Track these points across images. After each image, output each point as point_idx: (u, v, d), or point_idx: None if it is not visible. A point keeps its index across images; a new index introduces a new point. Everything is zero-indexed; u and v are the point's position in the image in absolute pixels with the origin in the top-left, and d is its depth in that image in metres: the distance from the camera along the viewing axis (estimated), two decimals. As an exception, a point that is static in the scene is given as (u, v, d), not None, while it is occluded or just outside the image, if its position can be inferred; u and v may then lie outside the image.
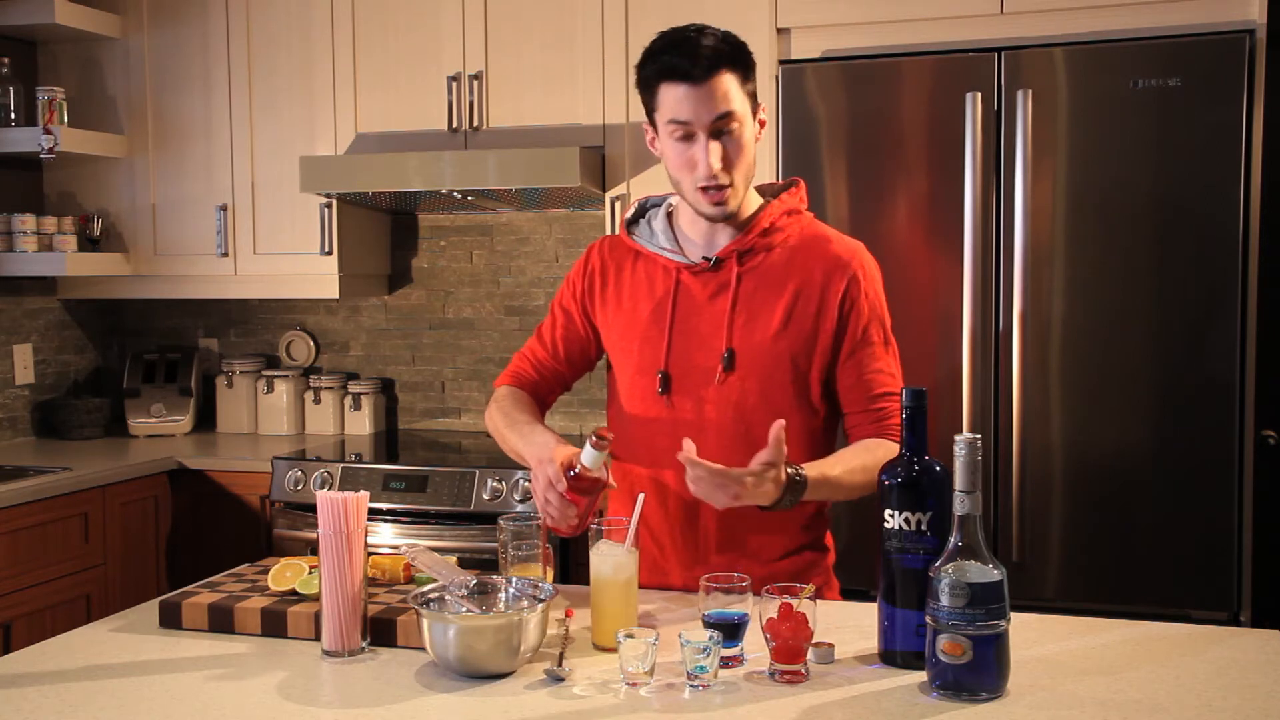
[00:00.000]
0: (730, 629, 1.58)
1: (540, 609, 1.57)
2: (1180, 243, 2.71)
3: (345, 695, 1.52)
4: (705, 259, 1.93)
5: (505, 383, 2.10)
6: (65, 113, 3.58)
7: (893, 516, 1.58)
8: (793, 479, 1.71)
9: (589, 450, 1.73)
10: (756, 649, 1.58)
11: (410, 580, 1.90)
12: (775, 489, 1.68)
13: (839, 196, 2.91)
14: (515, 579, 1.70)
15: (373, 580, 1.88)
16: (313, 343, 4.03)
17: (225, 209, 3.67)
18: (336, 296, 3.65)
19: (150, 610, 1.85)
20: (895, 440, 1.86)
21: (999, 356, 2.81)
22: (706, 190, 1.85)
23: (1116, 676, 1.53)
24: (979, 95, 2.76)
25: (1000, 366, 2.81)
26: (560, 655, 1.62)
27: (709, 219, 1.90)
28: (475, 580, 1.70)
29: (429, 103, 3.44)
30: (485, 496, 3.11)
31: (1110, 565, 2.77)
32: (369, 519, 1.70)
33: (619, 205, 3.26)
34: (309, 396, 3.90)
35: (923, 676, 1.51)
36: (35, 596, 3.02)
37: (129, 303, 4.13)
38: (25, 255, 3.58)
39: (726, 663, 1.57)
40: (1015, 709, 1.43)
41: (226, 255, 3.68)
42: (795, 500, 1.73)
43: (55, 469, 3.22)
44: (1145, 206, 2.73)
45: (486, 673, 1.55)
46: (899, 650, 1.58)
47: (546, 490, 1.77)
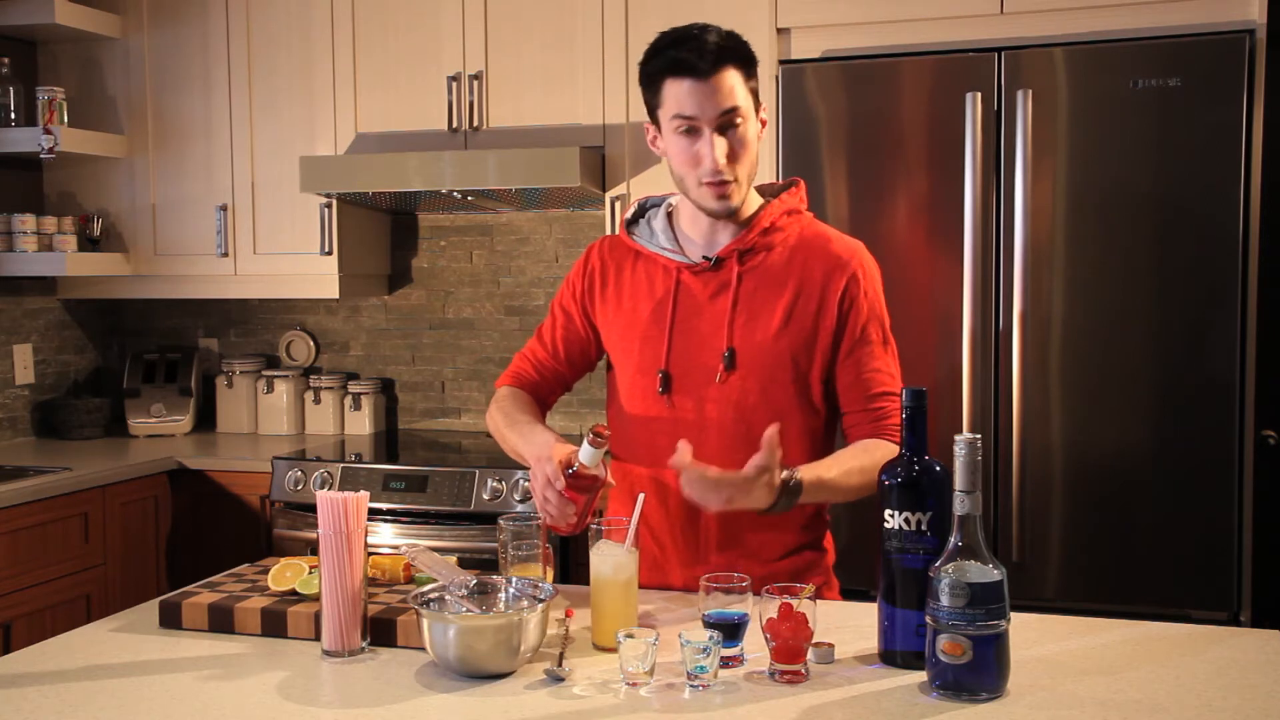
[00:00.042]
0: (730, 629, 1.58)
1: (540, 609, 1.57)
2: (1180, 243, 2.71)
3: (345, 695, 1.52)
4: (706, 258, 1.93)
5: (506, 383, 2.10)
6: (65, 113, 3.58)
7: (893, 516, 1.58)
8: (788, 483, 1.71)
9: (586, 447, 1.73)
10: (756, 649, 1.58)
11: (410, 580, 1.90)
12: (770, 493, 1.68)
13: (839, 196, 2.91)
14: (515, 579, 1.70)
15: (373, 580, 1.88)
16: (313, 343, 4.03)
17: (225, 209, 3.67)
18: (336, 296, 3.65)
19: (150, 610, 1.85)
20: (893, 440, 1.87)
21: (999, 356, 2.81)
22: (711, 185, 1.85)
23: (1116, 676, 1.53)
24: (979, 95, 2.76)
25: (1000, 366, 2.81)
26: (560, 655, 1.62)
27: (712, 215, 1.90)
28: (475, 580, 1.70)
29: (429, 103, 3.44)
30: (485, 496, 3.11)
31: (1110, 565, 2.77)
32: (369, 519, 1.70)
33: (619, 205, 3.26)
34: (309, 396, 3.90)
35: (923, 676, 1.51)
36: (35, 596, 3.02)
37: (129, 303, 4.13)
38: (25, 255, 3.58)
39: (726, 663, 1.57)
40: (1015, 709, 1.43)
41: (226, 255, 3.68)
42: (791, 504, 1.73)
43: (55, 469, 3.22)
44: (1145, 206, 2.73)
45: (486, 673, 1.55)
46: (899, 650, 1.58)
47: (545, 488, 1.77)
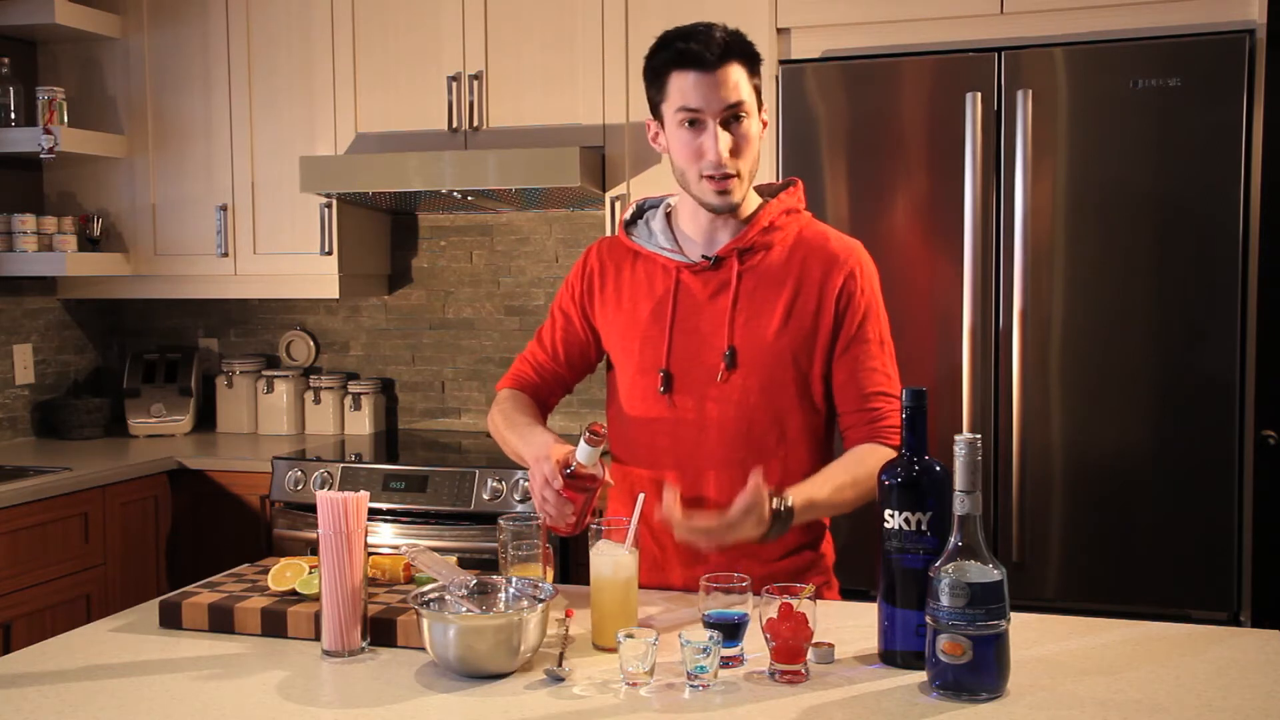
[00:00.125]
0: (730, 629, 1.58)
1: (540, 609, 1.57)
2: (1180, 243, 2.71)
3: (345, 695, 1.52)
4: (705, 258, 1.93)
5: (506, 386, 2.10)
6: (65, 113, 3.58)
7: (893, 516, 1.58)
8: (779, 511, 1.72)
9: (583, 446, 1.74)
10: (756, 649, 1.58)
11: (410, 580, 1.90)
12: (761, 526, 1.70)
13: (839, 196, 2.91)
14: (515, 579, 1.70)
15: (373, 580, 1.88)
16: (313, 343, 4.03)
17: (225, 209, 3.67)
18: (336, 296, 3.65)
19: (150, 610, 1.85)
20: (887, 443, 1.87)
21: (999, 356, 2.81)
22: (713, 179, 1.85)
23: (1116, 676, 1.53)
24: (979, 95, 2.76)
25: (1000, 366, 2.81)
26: (560, 655, 1.62)
27: (713, 210, 1.90)
28: (475, 580, 1.70)
29: (429, 103, 3.44)
30: (485, 496, 3.11)
31: (1110, 565, 2.77)
32: (369, 519, 1.70)
33: (619, 205, 3.25)
34: (309, 396, 3.90)
35: (923, 676, 1.51)
36: (35, 596, 3.02)
37: (129, 303, 4.13)
38: (25, 255, 3.58)
39: (726, 663, 1.57)
40: (1015, 709, 1.43)
41: (226, 255, 3.68)
42: (785, 530, 1.74)
43: (55, 469, 3.21)
44: (1145, 206, 2.73)
45: (486, 673, 1.55)
46: (899, 650, 1.58)
47: (543, 488, 1.77)
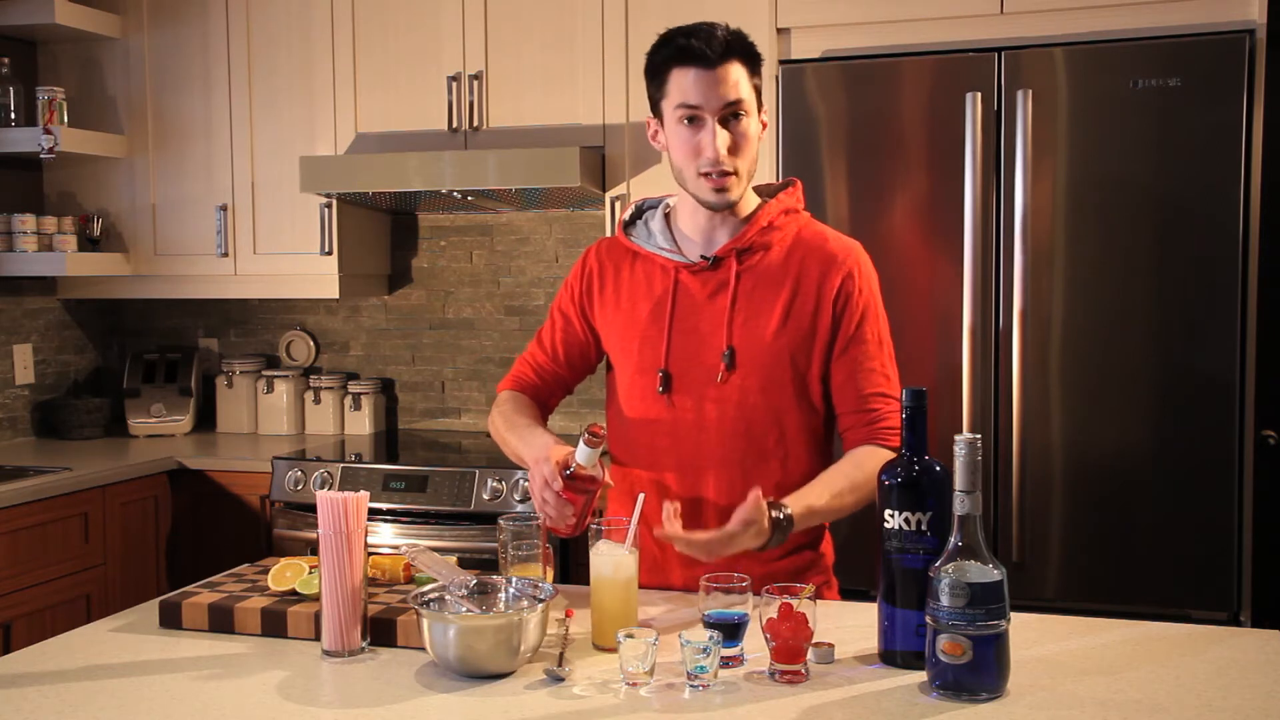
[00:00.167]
0: (730, 629, 1.58)
1: (540, 609, 1.57)
2: (1180, 243, 2.71)
3: (345, 695, 1.52)
4: (704, 258, 1.93)
5: (507, 387, 2.11)
6: (65, 113, 3.58)
7: (893, 516, 1.58)
8: (778, 521, 1.72)
9: (582, 448, 1.74)
10: (756, 649, 1.58)
11: (410, 580, 1.90)
12: (760, 537, 1.71)
13: (839, 196, 2.91)
14: (515, 579, 1.71)
15: (373, 580, 1.88)
16: (313, 343, 4.03)
17: (225, 209, 3.67)
18: (336, 296, 3.65)
19: (150, 610, 1.85)
20: (886, 445, 1.87)
21: (999, 356, 2.81)
22: (710, 176, 1.85)
23: (1116, 676, 1.53)
24: (979, 95, 2.76)
25: (1000, 366, 2.81)
26: (560, 655, 1.62)
27: (710, 207, 1.90)
28: (475, 580, 1.70)
29: (429, 103, 3.44)
30: (485, 496, 3.11)
31: (1110, 565, 2.77)
32: (369, 519, 1.70)
33: (619, 205, 3.25)
34: (309, 396, 3.89)
35: (923, 676, 1.51)
36: (35, 596, 3.02)
37: (129, 303, 4.13)
38: (25, 255, 3.58)
39: (726, 663, 1.57)
40: (1015, 709, 1.43)
41: (226, 255, 3.68)
42: (784, 538, 1.75)
43: (55, 469, 3.21)
44: (1145, 206, 2.73)
45: (486, 673, 1.55)
46: (899, 650, 1.58)
47: (543, 489, 1.77)
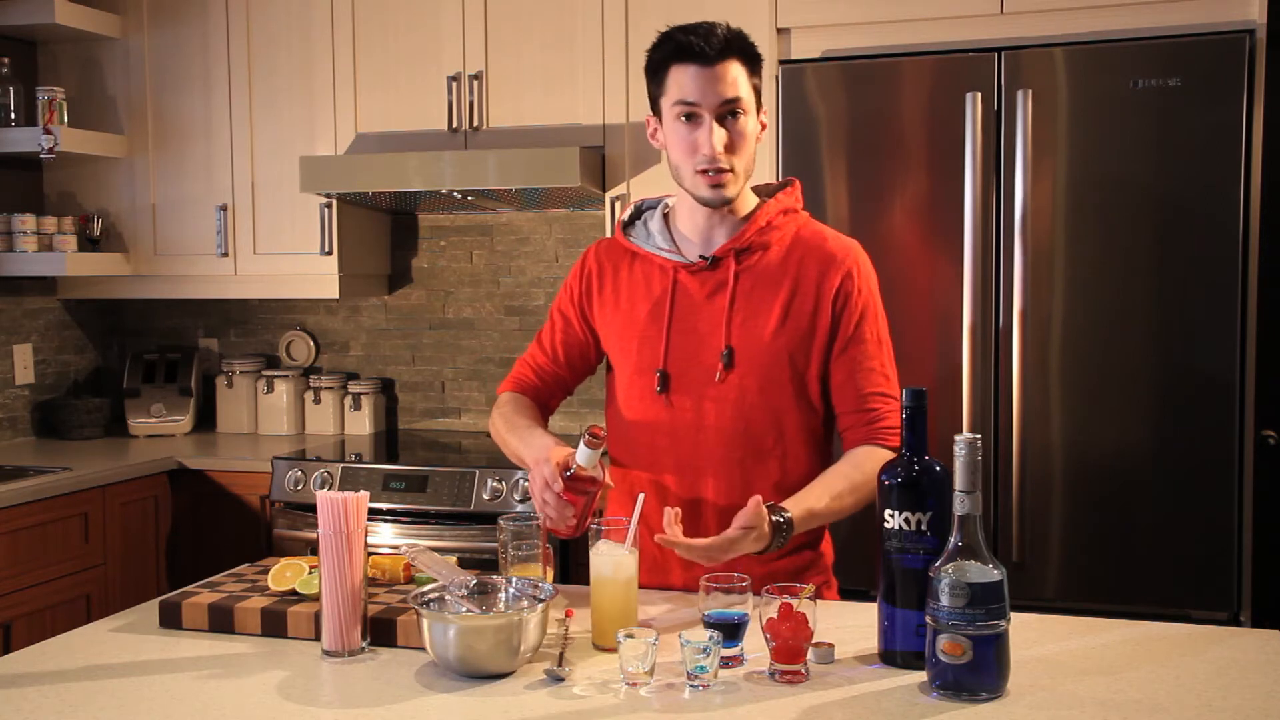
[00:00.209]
0: (730, 629, 1.58)
1: (540, 609, 1.57)
2: (1180, 243, 2.71)
3: (345, 695, 1.52)
4: (702, 258, 1.93)
5: (508, 389, 2.11)
6: (65, 113, 3.58)
7: (893, 516, 1.58)
8: (779, 525, 1.73)
9: (583, 449, 1.74)
10: (756, 649, 1.58)
11: (410, 580, 1.90)
12: (761, 542, 1.71)
13: (839, 196, 2.91)
14: (515, 579, 1.71)
15: (373, 580, 1.88)
16: (313, 343, 4.03)
17: (225, 209, 3.67)
18: (336, 296, 3.65)
19: (150, 610, 1.85)
20: (885, 445, 1.88)
21: (999, 356, 2.81)
22: (706, 173, 1.85)
23: (1116, 676, 1.53)
24: (979, 95, 2.76)
25: (1000, 366, 2.81)
26: (560, 655, 1.62)
27: (707, 204, 1.90)
28: (475, 580, 1.70)
29: (429, 103, 3.44)
30: (485, 496, 3.11)
31: (1110, 565, 2.77)
32: (369, 519, 1.70)
33: (619, 205, 3.25)
34: (309, 396, 3.89)
35: (923, 676, 1.51)
36: (35, 596, 3.02)
37: (129, 303, 4.13)
38: (25, 255, 3.58)
39: (726, 663, 1.57)
40: (1015, 709, 1.43)
41: (226, 255, 3.68)
42: (784, 543, 1.75)
43: (55, 469, 3.21)
44: (1145, 206, 2.73)
45: (486, 673, 1.55)
46: (899, 650, 1.58)
47: (543, 491, 1.77)
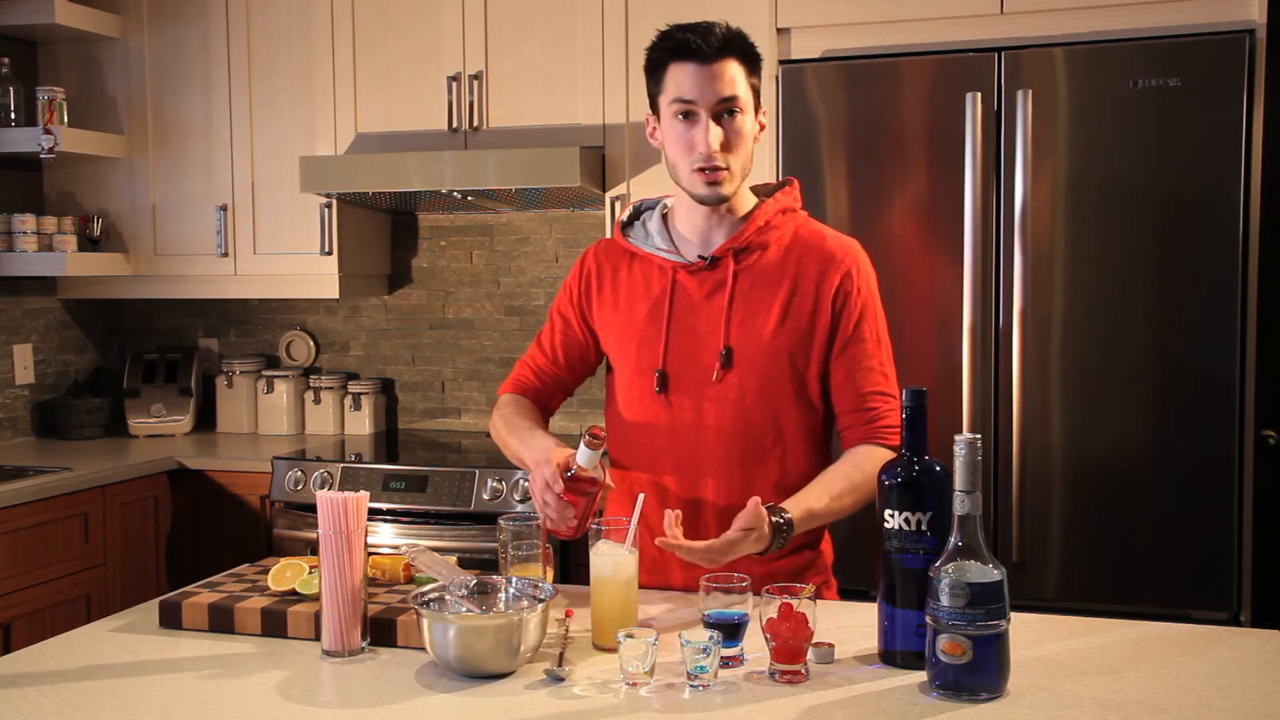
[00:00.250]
0: (730, 629, 1.58)
1: (540, 609, 1.57)
2: (1180, 242, 2.71)
3: (345, 695, 1.52)
4: (701, 258, 1.93)
5: (508, 390, 2.11)
6: (65, 113, 3.58)
7: (893, 516, 1.58)
8: (778, 526, 1.73)
9: (583, 450, 1.74)
10: (756, 649, 1.58)
11: (410, 580, 1.90)
12: (761, 543, 1.71)
13: (839, 196, 2.91)
14: (515, 579, 1.71)
15: (373, 580, 1.88)
16: (313, 343, 4.03)
17: (225, 209, 3.67)
18: (336, 296, 3.65)
19: (150, 610, 1.85)
20: (885, 444, 1.88)
21: (999, 356, 2.81)
22: (703, 171, 1.85)
23: (1116, 676, 1.53)
24: (979, 95, 2.76)
25: (1000, 366, 2.81)
26: (560, 655, 1.62)
27: (703, 202, 1.90)
28: (475, 580, 1.70)
29: (429, 103, 3.44)
30: (485, 496, 3.11)
31: (1110, 565, 2.77)
32: (369, 519, 1.70)
33: (619, 205, 3.25)
34: (309, 396, 3.89)
35: (923, 676, 1.51)
36: (35, 596, 3.02)
37: (129, 303, 4.13)
38: (25, 255, 3.58)
39: (726, 663, 1.57)
40: (1015, 709, 1.43)
41: (226, 255, 3.68)
42: (784, 544, 1.75)
43: (55, 469, 3.21)
44: (1145, 206, 2.73)
45: (486, 673, 1.55)
46: (899, 650, 1.58)
47: (544, 491, 1.77)
